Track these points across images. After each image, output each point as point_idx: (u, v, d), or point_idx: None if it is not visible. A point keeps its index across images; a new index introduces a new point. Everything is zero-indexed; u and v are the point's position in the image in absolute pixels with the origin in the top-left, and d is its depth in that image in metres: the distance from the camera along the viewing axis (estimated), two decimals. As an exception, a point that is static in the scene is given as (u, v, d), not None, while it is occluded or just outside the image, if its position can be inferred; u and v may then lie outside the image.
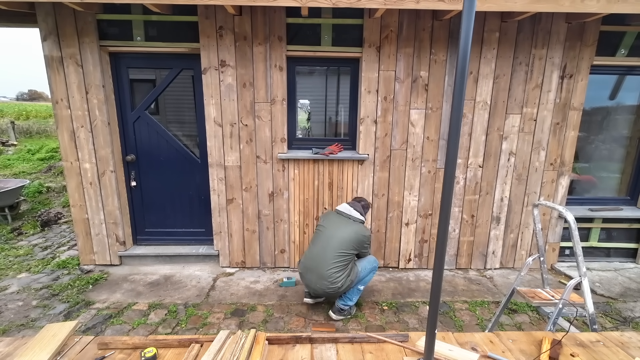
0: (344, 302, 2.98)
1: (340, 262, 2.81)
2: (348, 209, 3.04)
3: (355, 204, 3.12)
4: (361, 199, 3.23)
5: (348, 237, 2.86)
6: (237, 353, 1.35)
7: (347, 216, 3.01)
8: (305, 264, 2.96)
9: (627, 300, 3.35)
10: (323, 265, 2.81)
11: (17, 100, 43.50)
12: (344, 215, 3.02)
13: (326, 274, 2.79)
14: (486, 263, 4.00)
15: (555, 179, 3.80)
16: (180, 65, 3.66)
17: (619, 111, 4.02)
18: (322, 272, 2.80)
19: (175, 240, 4.11)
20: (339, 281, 2.80)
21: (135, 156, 3.86)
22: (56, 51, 3.36)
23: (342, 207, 3.08)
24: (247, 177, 3.71)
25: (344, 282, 2.83)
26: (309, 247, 3.03)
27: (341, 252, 2.82)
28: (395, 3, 2.69)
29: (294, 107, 3.73)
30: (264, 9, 3.32)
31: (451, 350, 1.45)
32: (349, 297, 2.99)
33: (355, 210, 3.03)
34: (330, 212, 3.16)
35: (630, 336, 1.61)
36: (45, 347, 1.41)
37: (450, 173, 1.05)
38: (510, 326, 2.98)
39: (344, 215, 3.02)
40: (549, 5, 2.72)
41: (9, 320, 2.94)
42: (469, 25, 0.94)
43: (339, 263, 2.81)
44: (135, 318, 3.01)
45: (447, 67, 3.51)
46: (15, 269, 3.86)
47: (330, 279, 2.79)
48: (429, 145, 3.68)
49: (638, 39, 3.55)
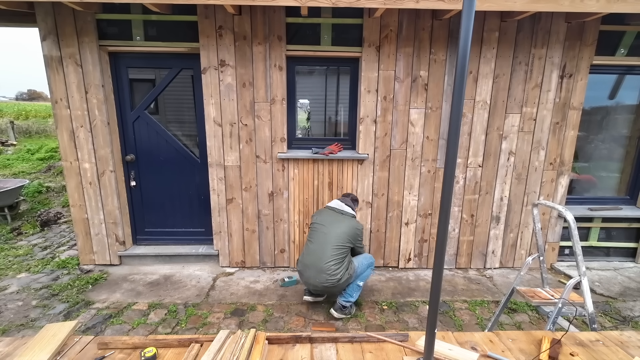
0: (345, 299, 3.00)
1: (337, 256, 2.87)
2: (340, 204, 3.15)
3: (345, 199, 3.24)
4: (349, 194, 3.36)
5: (343, 232, 2.94)
6: (237, 353, 1.35)
7: (339, 212, 3.10)
8: (304, 261, 3.01)
9: (627, 300, 3.35)
10: (322, 259, 2.86)
11: (16, 100, 43.40)
12: (336, 211, 3.11)
13: (325, 267, 2.84)
14: (486, 262, 4.00)
15: (554, 178, 3.80)
16: (179, 65, 3.66)
17: (619, 111, 4.02)
18: (321, 266, 2.85)
19: (175, 240, 4.11)
20: (337, 273, 2.84)
21: (134, 156, 3.86)
22: (55, 51, 3.36)
23: (333, 204, 3.18)
24: (247, 176, 3.71)
25: (342, 275, 2.86)
26: (306, 245, 3.08)
27: (338, 246, 2.89)
28: (394, 3, 2.69)
29: (294, 106, 3.73)
30: (263, 9, 3.32)
31: (451, 350, 1.45)
32: (349, 293, 3.01)
33: (346, 206, 3.14)
34: (322, 210, 3.23)
35: (629, 335, 1.61)
36: (45, 347, 1.41)
37: (450, 172, 1.05)
38: (510, 325, 2.98)
39: (337, 211, 3.11)
40: (548, 5, 2.72)
41: (9, 320, 2.94)
42: (469, 24, 0.94)
43: (336, 256, 2.87)
44: (135, 318, 3.01)
45: (446, 67, 3.51)
46: (14, 269, 3.86)
47: (328, 272, 2.83)
48: (429, 144, 3.68)
49: (637, 38, 3.55)
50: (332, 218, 3.05)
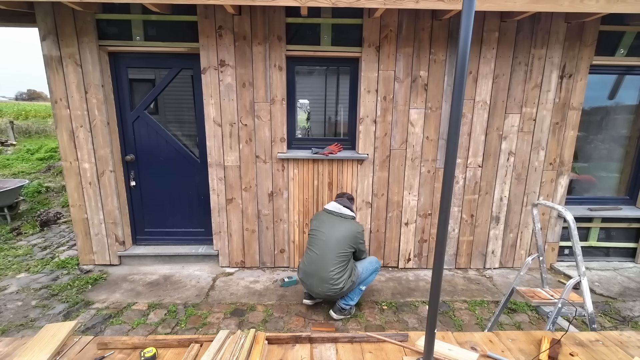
0: (345, 302, 2.98)
1: (340, 263, 2.81)
2: (338, 207, 3.02)
3: (343, 200, 3.11)
4: (344, 194, 3.24)
5: (343, 236, 2.86)
6: (237, 353, 1.35)
7: (337, 214, 2.99)
8: (305, 270, 2.94)
9: (626, 300, 3.36)
10: (324, 268, 2.80)
11: (16, 100, 43.36)
12: (334, 214, 3.00)
13: (327, 276, 2.78)
14: (485, 263, 4.00)
15: (554, 178, 3.80)
16: (179, 65, 3.66)
17: (618, 111, 4.03)
18: (324, 276, 2.79)
19: (175, 240, 4.11)
20: (340, 282, 2.80)
21: (134, 156, 3.86)
22: (55, 51, 3.36)
23: (331, 207, 3.05)
24: (247, 177, 3.71)
25: (345, 283, 2.82)
26: (306, 252, 2.99)
27: (340, 253, 2.82)
28: (394, 3, 2.69)
29: (294, 106, 3.73)
30: (263, 9, 3.32)
31: (451, 350, 1.45)
32: (350, 297, 2.99)
33: (344, 207, 3.02)
34: (320, 213, 3.11)
35: (629, 335, 1.61)
36: (45, 347, 1.41)
37: (450, 173, 1.05)
38: (509, 325, 2.98)
39: (335, 214, 3.00)
40: (548, 5, 2.72)
41: (8, 321, 2.94)
42: (469, 25, 0.94)
43: (339, 264, 2.81)
44: (134, 318, 3.00)
45: (446, 67, 3.51)
46: (14, 269, 3.85)
47: (331, 281, 2.78)
48: (429, 145, 3.68)
49: (637, 38, 3.55)
50: (330, 222, 2.95)
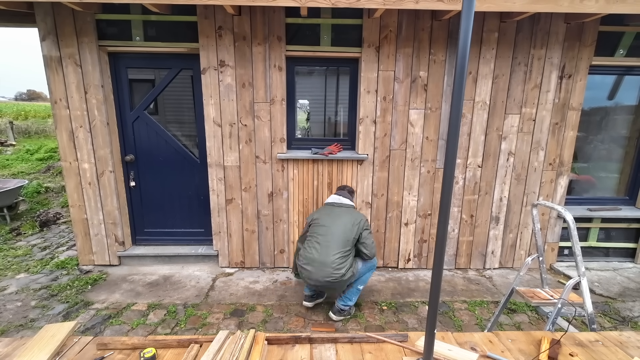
0: (344, 303, 2.98)
1: (342, 249, 2.83)
2: (338, 198, 3.14)
3: (342, 192, 3.23)
4: (344, 186, 3.36)
5: (345, 224, 2.92)
6: (237, 353, 1.35)
7: (339, 205, 3.09)
8: (307, 255, 2.90)
9: (626, 300, 3.36)
10: (327, 253, 2.81)
11: (15, 100, 43.38)
12: (336, 205, 3.10)
13: (330, 260, 2.78)
14: (485, 263, 4.00)
15: (554, 178, 3.81)
16: (179, 65, 3.66)
17: (618, 111, 4.03)
18: (326, 260, 2.79)
19: (175, 240, 4.10)
20: (342, 268, 2.79)
21: (134, 156, 3.85)
22: (55, 51, 3.35)
23: (332, 199, 3.17)
24: (247, 177, 3.71)
25: (346, 271, 2.81)
26: (308, 240, 2.98)
27: (343, 239, 2.86)
28: (394, 3, 2.70)
29: (294, 107, 3.73)
30: (263, 9, 3.32)
31: (450, 350, 1.46)
32: (348, 297, 2.99)
33: (345, 198, 3.15)
34: (322, 208, 3.19)
35: (629, 336, 1.61)
36: (44, 347, 1.40)
37: (450, 173, 1.05)
38: (509, 326, 2.98)
39: (336, 205, 3.10)
40: (547, 6, 2.73)
41: (8, 321, 2.93)
42: (468, 25, 0.94)
43: (342, 251, 2.82)
44: (134, 318, 3.00)
45: (446, 67, 3.51)
46: (14, 269, 3.85)
47: (333, 265, 2.77)
48: (428, 145, 3.68)
49: (637, 39, 3.56)
50: (334, 213, 3.01)
